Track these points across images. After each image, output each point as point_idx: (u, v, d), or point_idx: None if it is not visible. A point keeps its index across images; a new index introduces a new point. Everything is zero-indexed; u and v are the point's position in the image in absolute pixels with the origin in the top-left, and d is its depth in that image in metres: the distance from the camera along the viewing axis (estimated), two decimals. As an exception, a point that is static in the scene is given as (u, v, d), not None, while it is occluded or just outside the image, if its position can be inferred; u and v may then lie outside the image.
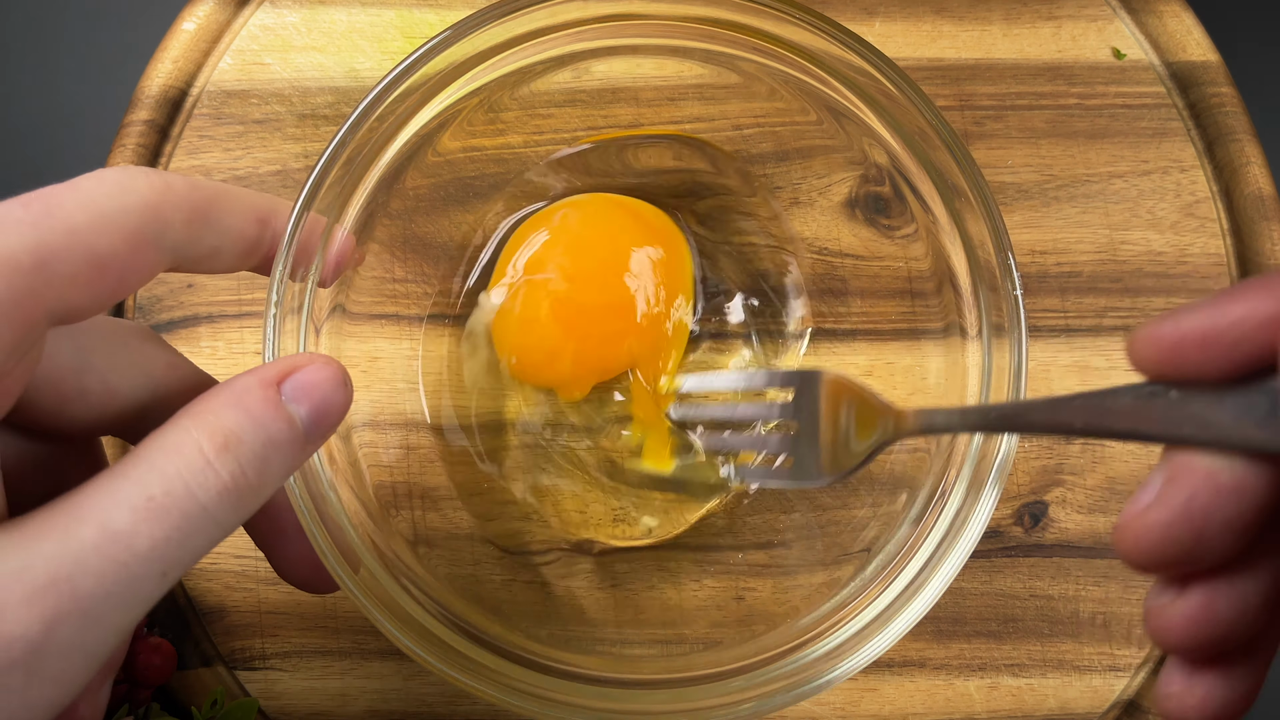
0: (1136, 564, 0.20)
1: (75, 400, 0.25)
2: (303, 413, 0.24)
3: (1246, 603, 0.20)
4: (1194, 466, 0.19)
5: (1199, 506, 0.19)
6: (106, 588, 0.20)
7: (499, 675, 0.30)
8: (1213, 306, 0.19)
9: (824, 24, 0.31)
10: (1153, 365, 0.20)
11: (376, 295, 0.37)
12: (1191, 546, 0.19)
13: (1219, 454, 0.19)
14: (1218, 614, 0.20)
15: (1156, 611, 0.20)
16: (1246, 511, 0.19)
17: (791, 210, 0.39)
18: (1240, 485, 0.19)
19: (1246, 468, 0.19)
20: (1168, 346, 0.19)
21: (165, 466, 0.22)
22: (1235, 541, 0.19)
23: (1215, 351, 0.19)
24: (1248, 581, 0.20)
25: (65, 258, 0.21)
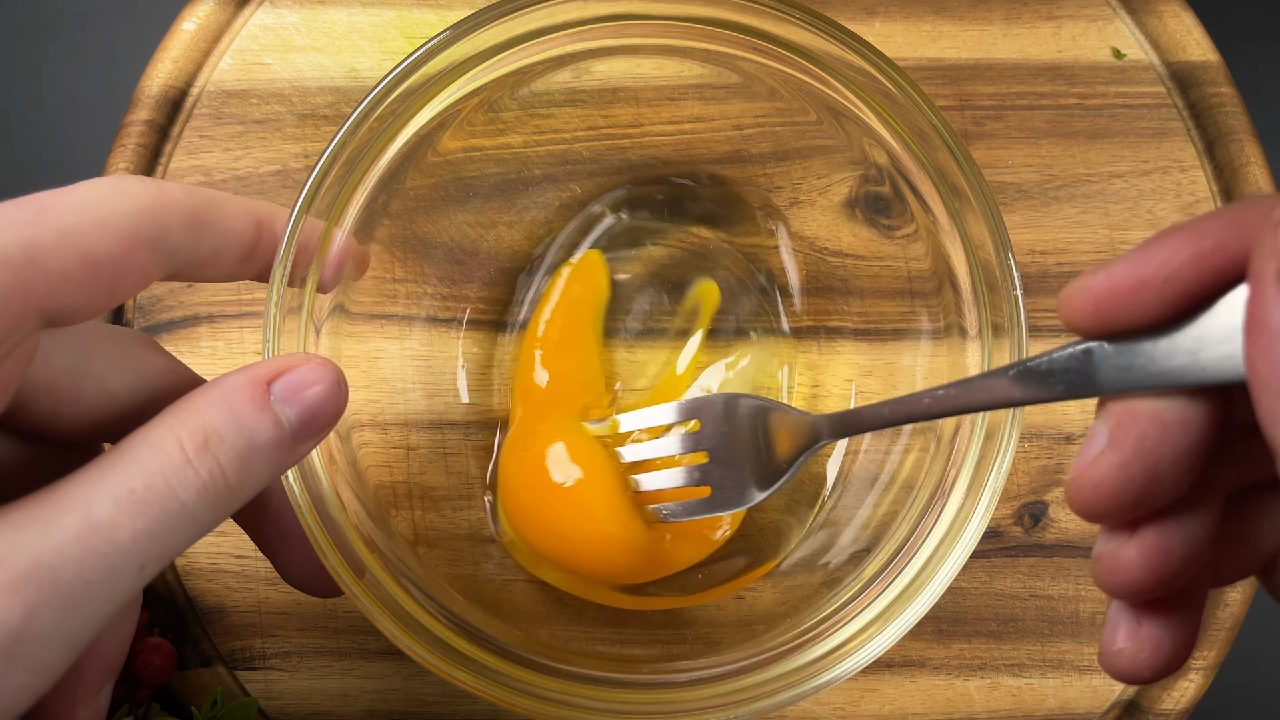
0: (1092, 512, 0.21)
1: (71, 404, 0.25)
2: (291, 414, 0.24)
3: (1195, 539, 0.21)
4: (1138, 410, 0.20)
5: (1150, 445, 0.20)
6: (86, 577, 0.20)
7: (499, 675, 0.30)
8: (1139, 253, 0.20)
9: (824, 24, 0.31)
10: (1085, 320, 0.21)
11: (376, 295, 0.37)
12: (1146, 485, 0.20)
13: (1160, 396, 0.20)
14: (1171, 551, 0.21)
15: (1109, 557, 0.21)
16: (1194, 444, 0.20)
17: (791, 210, 0.39)
18: (1184, 420, 0.20)
19: (1186, 403, 0.20)
20: (1101, 297, 0.21)
21: (148, 461, 0.22)
22: (1185, 476, 0.20)
23: (1145, 295, 0.20)
24: (1194, 518, 0.21)
25: (57, 255, 0.21)
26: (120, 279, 0.23)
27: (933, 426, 0.34)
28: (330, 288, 0.31)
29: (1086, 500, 0.21)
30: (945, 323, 0.34)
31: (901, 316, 0.38)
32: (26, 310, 0.21)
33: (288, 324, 0.29)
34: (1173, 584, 0.21)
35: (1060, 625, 0.39)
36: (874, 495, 0.36)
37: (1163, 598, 0.22)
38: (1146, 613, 0.22)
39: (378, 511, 0.33)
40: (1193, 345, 0.20)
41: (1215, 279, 0.20)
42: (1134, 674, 0.22)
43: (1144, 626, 0.22)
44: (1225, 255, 0.19)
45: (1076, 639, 0.39)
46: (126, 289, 0.23)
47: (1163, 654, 0.22)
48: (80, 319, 0.23)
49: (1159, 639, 0.22)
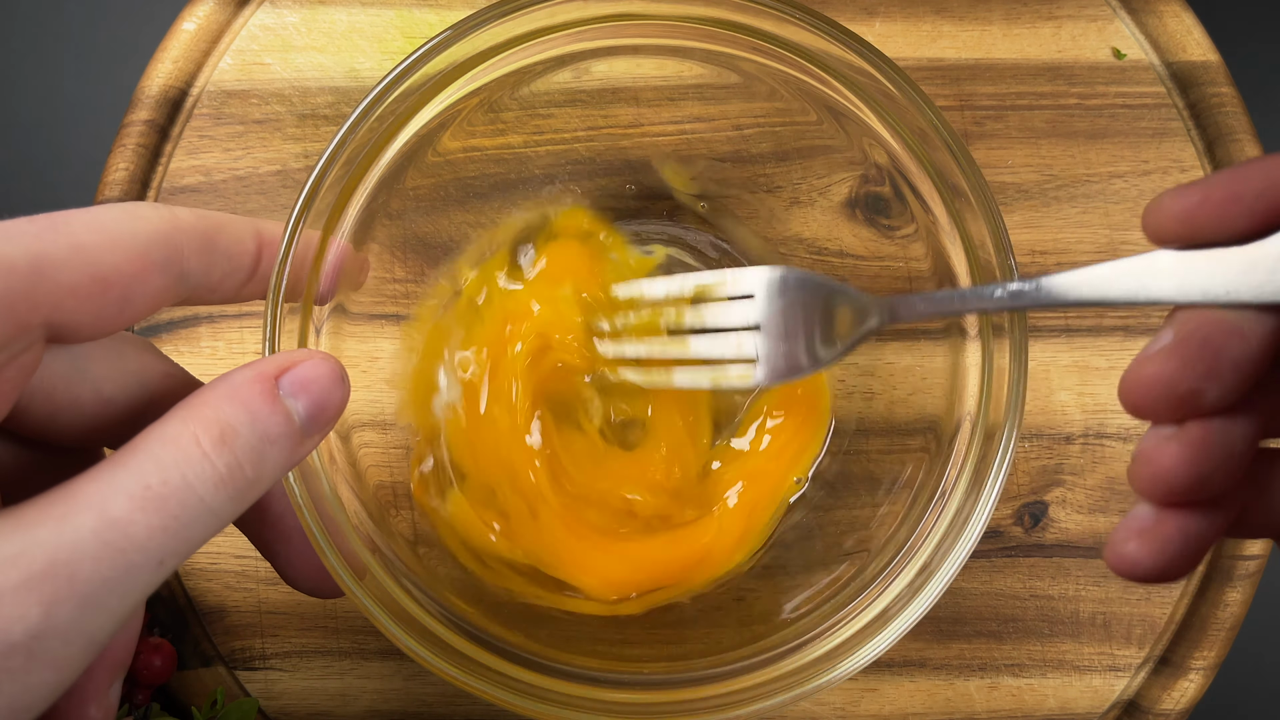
0: (1144, 403, 0.22)
1: (68, 409, 0.24)
2: (300, 407, 0.24)
3: (1234, 445, 0.22)
4: (1207, 315, 0.21)
5: (1214, 346, 0.21)
6: (104, 574, 0.20)
7: (499, 675, 0.30)
8: (1236, 169, 0.21)
9: (824, 24, 0.31)
10: (1172, 229, 0.22)
11: (376, 295, 0.37)
12: (1201, 382, 0.21)
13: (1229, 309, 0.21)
14: (1211, 449, 0.21)
15: (1150, 449, 0.22)
16: (1253, 354, 0.21)
17: (791, 210, 0.39)
18: (1249, 330, 0.21)
19: (1255, 317, 0.21)
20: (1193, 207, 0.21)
21: (163, 457, 0.22)
22: (1240, 383, 0.21)
23: (1237, 209, 0.21)
24: (1237, 426, 0.22)
25: (66, 269, 0.22)
26: (130, 300, 0.23)
27: (932, 426, 0.34)
28: (328, 299, 0.31)
29: (1142, 388, 0.21)
30: (945, 323, 0.34)
31: (901, 316, 0.38)
32: (31, 319, 0.21)
33: (287, 324, 0.29)
34: (1206, 484, 0.21)
35: (1060, 625, 0.39)
36: (874, 495, 0.36)
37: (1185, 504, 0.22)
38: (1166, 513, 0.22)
39: (378, 511, 0.33)
40: (1271, 263, 0.21)
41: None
42: (1136, 566, 0.22)
43: (1159, 524, 0.22)
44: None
45: (1076, 639, 0.39)
46: (136, 310, 0.23)
47: (1169, 553, 0.22)
48: (87, 336, 0.23)
49: (1170, 537, 0.22)
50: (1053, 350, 0.41)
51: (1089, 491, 0.40)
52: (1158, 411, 0.22)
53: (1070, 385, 0.41)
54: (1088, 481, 0.40)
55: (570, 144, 0.39)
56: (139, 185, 0.41)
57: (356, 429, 0.34)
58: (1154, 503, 0.22)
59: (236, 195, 0.41)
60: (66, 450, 0.26)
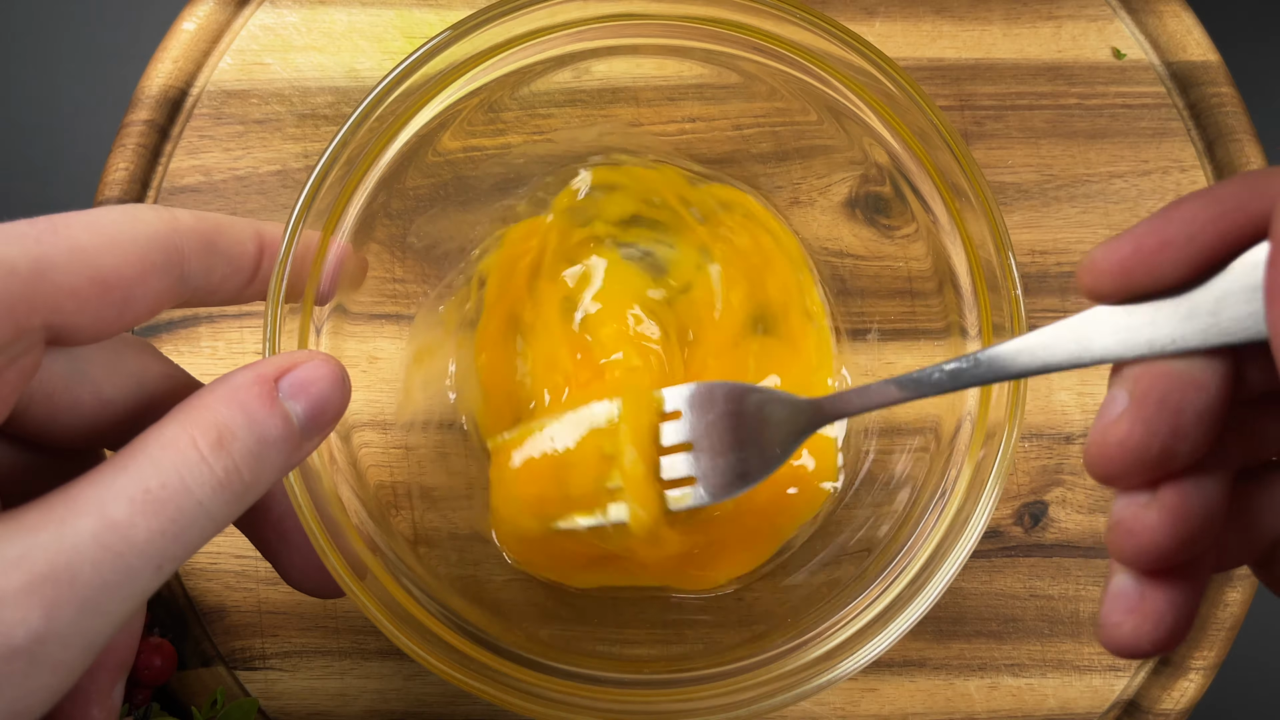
0: (1113, 471, 0.21)
1: (67, 411, 0.24)
2: (299, 409, 0.24)
3: (1212, 501, 0.21)
4: (1158, 370, 0.21)
5: (1174, 403, 0.20)
6: (104, 577, 0.21)
7: (499, 675, 0.30)
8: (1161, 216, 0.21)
9: (824, 24, 0.31)
10: (1110, 284, 0.21)
11: (376, 295, 0.37)
12: (1169, 443, 0.20)
13: (1178, 359, 0.21)
14: (1191, 512, 0.21)
15: (1129, 519, 0.21)
16: (1212, 404, 0.21)
17: (791, 210, 0.39)
18: (1203, 380, 0.21)
19: (1205, 364, 0.21)
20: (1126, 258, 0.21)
21: (161, 460, 0.22)
22: (1205, 436, 0.21)
23: (1168, 254, 0.20)
24: (1211, 482, 0.21)
25: (66, 271, 0.22)
26: (130, 302, 0.23)
27: (933, 426, 0.34)
28: (328, 299, 0.31)
29: (1109, 458, 0.21)
30: (945, 323, 0.34)
31: (902, 316, 0.38)
32: (31, 321, 0.21)
33: (288, 324, 0.29)
34: (1190, 548, 0.21)
35: (1060, 625, 0.39)
36: (874, 495, 0.36)
37: (1168, 571, 0.22)
38: (1150, 585, 0.22)
39: (378, 511, 0.33)
40: (1213, 306, 0.20)
41: (1235, 239, 0.20)
42: (1134, 647, 0.22)
43: (1147, 599, 0.22)
44: (1246, 215, 0.20)
45: (1076, 639, 0.39)
46: (137, 313, 0.23)
47: (1164, 627, 0.22)
48: (87, 339, 0.23)
49: (1161, 612, 0.22)
50: (1053, 350, 0.41)
51: (1089, 491, 0.40)
52: (1130, 478, 0.21)
53: (1070, 385, 0.41)
54: (1088, 481, 0.40)
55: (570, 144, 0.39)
56: (139, 185, 0.41)
57: (356, 429, 0.34)
58: (1137, 572, 0.22)
59: (236, 195, 0.41)
60: (66, 452, 0.26)
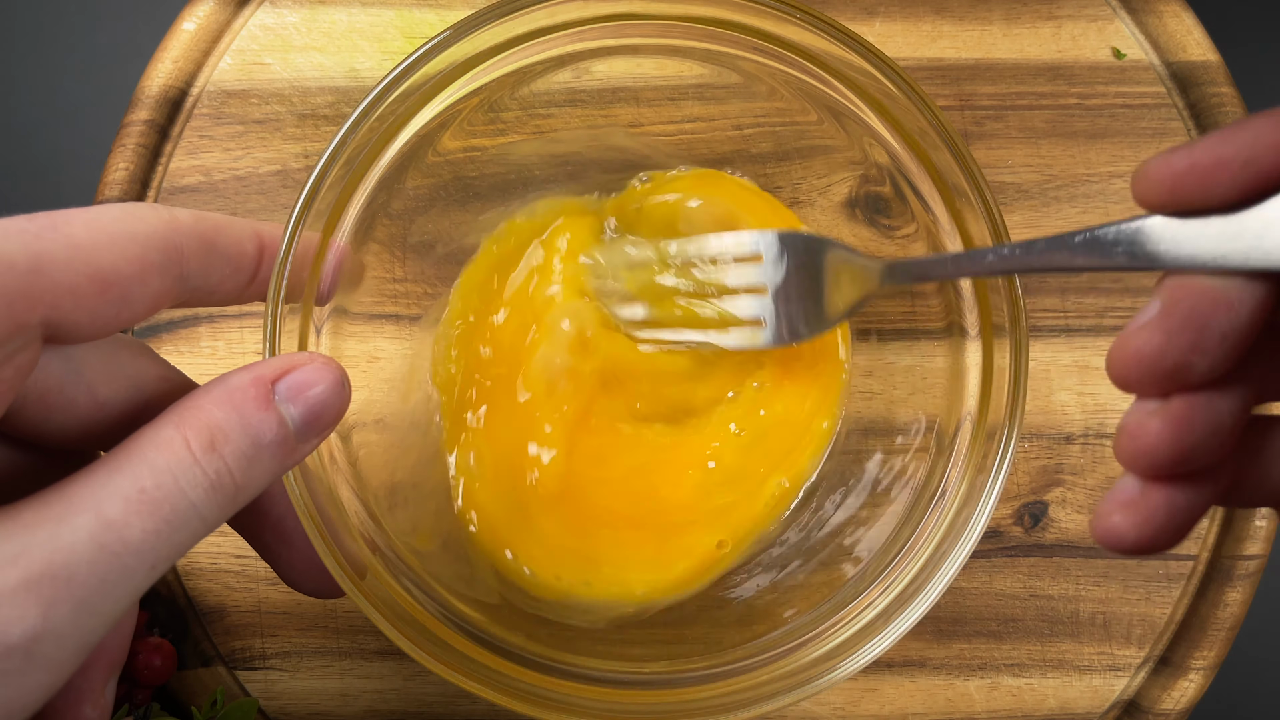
0: (1130, 376, 0.21)
1: (62, 412, 0.24)
2: (295, 413, 0.24)
3: (1221, 419, 0.21)
4: (1194, 285, 0.21)
5: (1200, 318, 0.21)
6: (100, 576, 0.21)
7: (499, 675, 0.30)
8: (1222, 134, 0.21)
9: (824, 24, 0.31)
10: (1159, 194, 0.21)
11: (376, 295, 0.37)
12: (1187, 355, 0.21)
13: (1217, 275, 0.21)
14: (1195, 424, 0.21)
15: (1133, 424, 0.21)
16: (1240, 326, 0.21)
17: (792, 210, 0.39)
18: (1236, 300, 0.21)
19: (1242, 285, 0.21)
20: (1180, 173, 0.21)
21: (156, 460, 0.22)
22: (1228, 355, 0.21)
23: (1224, 175, 0.20)
24: (1224, 399, 0.21)
25: (64, 267, 0.22)
26: (129, 300, 0.23)
27: (933, 426, 0.34)
28: (327, 300, 0.31)
29: (1127, 363, 0.21)
30: (945, 323, 0.34)
31: (902, 316, 0.38)
32: (29, 317, 0.21)
33: (288, 324, 0.29)
34: (1190, 459, 0.21)
35: (1060, 625, 0.39)
36: (875, 495, 0.36)
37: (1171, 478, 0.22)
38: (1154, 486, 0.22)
39: (378, 511, 0.33)
40: (1259, 229, 0.21)
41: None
42: (1121, 539, 0.22)
43: (1145, 497, 0.22)
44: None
45: (1076, 639, 0.39)
46: (135, 311, 0.23)
47: (1154, 526, 0.22)
48: (85, 337, 0.23)
49: (1155, 510, 0.22)
50: (1053, 350, 0.41)
51: (1089, 491, 0.40)
52: (1145, 386, 0.21)
53: (1070, 385, 0.41)
54: (1088, 481, 0.40)
55: (570, 144, 0.39)
56: (139, 185, 0.41)
57: (356, 429, 0.34)
58: (1138, 476, 0.22)
59: (236, 195, 0.41)
60: (60, 454, 0.26)
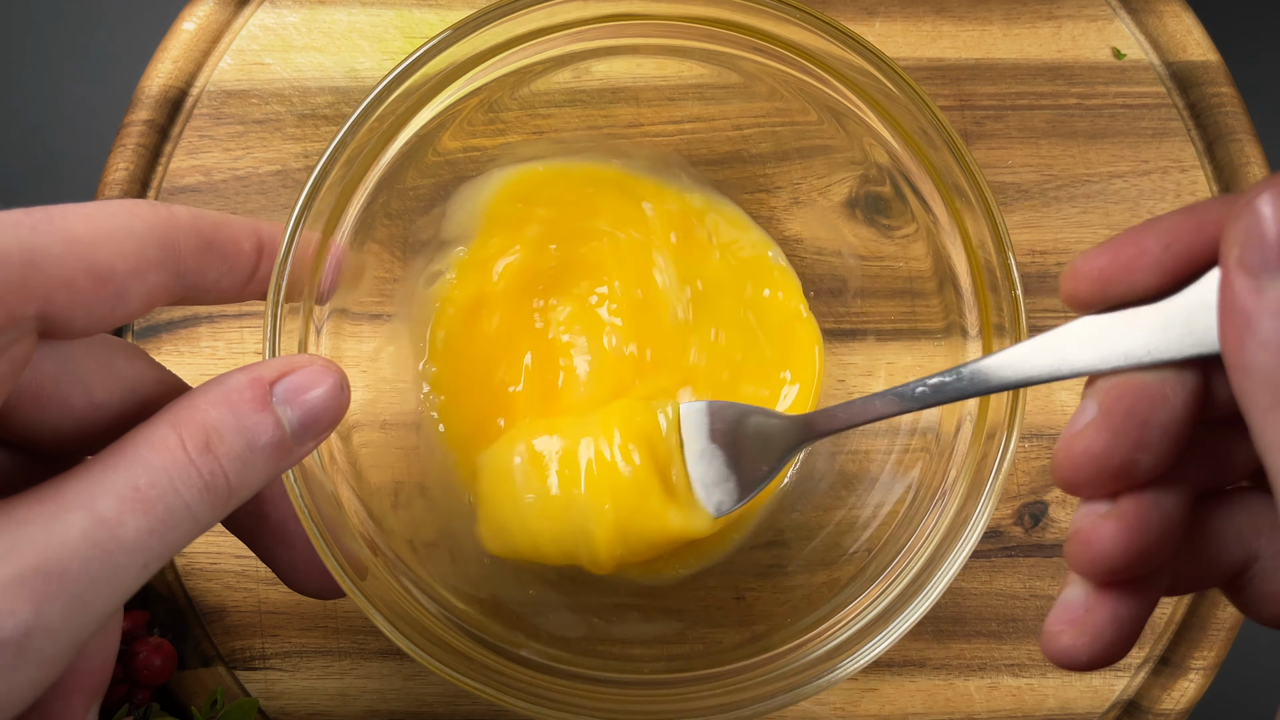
0: (1077, 479, 0.21)
1: (57, 412, 0.24)
2: (292, 416, 0.24)
3: (1169, 517, 0.21)
4: (1128, 383, 0.21)
5: (1140, 415, 0.21)
6: (92, 573, 0.21)
7: (499, 675, 0.30)
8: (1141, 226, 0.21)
9: (824, 24, 0.31)
10: (1087, 291, 0.22)
11: (376, 295, 0.37)
12: (1132, 454, 0.21)
13: (1149, 371, 0.21)
14: (1148, 525, 0.21)
15: (1086, 529, 0.22)
16: (1178, 418, 0.21)
17: (791, 210, 0.39)
18: (1171, 393, 0.21)
19: (1175, 377, 0.21)
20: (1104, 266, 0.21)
21: (150, 459, 0.22)
22: (1169, 450, 0.21)
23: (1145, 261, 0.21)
24: (1170, 497, 0.22)
25: (60, 261, 0.21)
26: (125, 296, 0.23)
27: (933, 426, 0.34)
28: (327, 300, 0.31)
29: (1074, 466, 0.21)
30: (945, 323, 0.34)
31: (902, 316, 0.38)
32: (23, 310, 0.21)
33: (288, 324, 0.29)
34: (1144, 561, 0.21)
35: (1060, 625, 0.39)
36: (874, 495, 0.36)
37: (1120, 585, 0.22)
38: (1099, 599, 0.22)
39: (378, 511, 0.33)
40: (1185, 316, 0.21)
41: (1210, 252, 0.20)
42: (1069, 657, 0.22)
43: (1091, 613, 0.22)
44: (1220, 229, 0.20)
45: (1076, 639, 0.39)
46: (131, 307, 0.23)
47: (1101, 643, 0.22)
48: (80, 332, 0.23)
49: (1102, 628, 0.22)
50: (1053, 350, 0.41)
51: (1089, 491, 0.40)
52: (1092, 487, 0.21)
53: (1070, 385, 0.41)
54: (1088, 481, 0.40)
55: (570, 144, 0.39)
56: (139, 185, 0.41)
57: (356, 429, 0.34)
58: (1093, 583, 0.22)
59: (236, 195, 0.41)
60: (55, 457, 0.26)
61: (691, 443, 0.33)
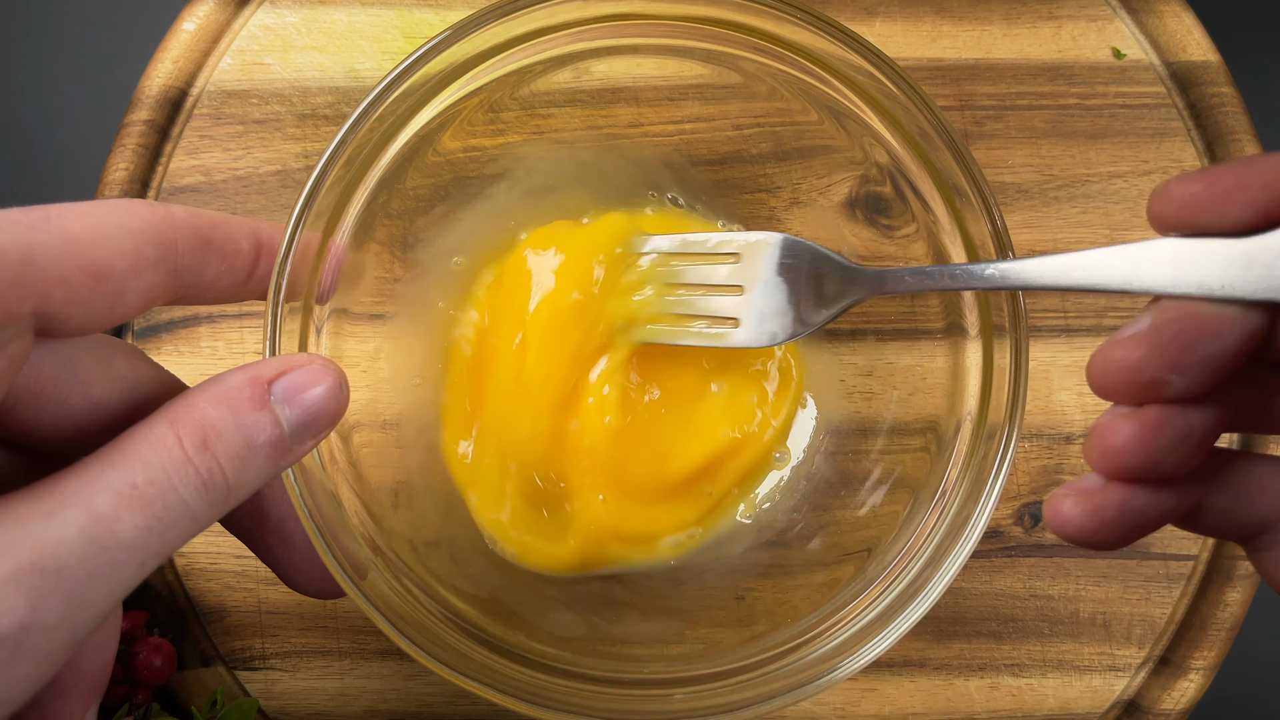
0: (1107, 384, 0.22)
1: (55, 411, 0.24)
2: (290, 415, 0.24)
3: (1190, 432, 0.21)
4: (1187, 308, 0.21)
5: (1184, 339, 0.21)
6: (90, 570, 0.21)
7: (499, 675, 0.30)
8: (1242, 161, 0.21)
9: (824, 24, 0.31)
10: (1176, 213, 0.21)
11: (377, 295, 0.37)
12: (1167, 372, 0.21)
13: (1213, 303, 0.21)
14: (1164, 433, 0.21)
15: (1104, 426, 0.22)
16: (1225, 352, 0.21)
17: (791, 210, 0.39)
18: (1226, 329, 0.21)
19: (1235, 315, 0.21)
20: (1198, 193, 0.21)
21: (148, 457, 0.22)
22: (1206, 378, 0.21)
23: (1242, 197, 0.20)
24: (1197, 414, 0.21)
25: (57, 259, 0.21)
26: (122, 294, 0.23)
27: (933, 426, 0.34)
28: (327, 299, 0.31)
29: (1108, 369, 0.21)
30: (945, 323, 0.34)
31: (902, 316, 0.38)
32: (20, 307, 0.21)
33: (288, 324, 0.29)
34: (1156, 466, 0.21)
35: (1060, 625, 0.39)
36: (874, 495, 0.36)
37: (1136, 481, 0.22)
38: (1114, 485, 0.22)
39: (378, 511, 0.33)
40: (1270, 258, 0.20)
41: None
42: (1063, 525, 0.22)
43: (1101, 493, 0.22)
44: None
45: (1076, 639, 0.39)
46: (129, 306, 0.23)
47: (1099, 520, 0.22)
48: (77, 330, 0.23)
49: (1106, 507, 0.22)
50: (1053, 350, 0.41)
51: (1089, 491, 0.40)
52: (1121, 395, 0.22)
53: (1070, 385, 0.41)
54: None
55: (570, 144, 0.39)
56: (139, 185, 0.41)
57: (357, 429, 0.34)
58: (1104, 476, 0.22)
59: (236, 195, 0.41)
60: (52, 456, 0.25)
61: (758, 270, 0.33)
